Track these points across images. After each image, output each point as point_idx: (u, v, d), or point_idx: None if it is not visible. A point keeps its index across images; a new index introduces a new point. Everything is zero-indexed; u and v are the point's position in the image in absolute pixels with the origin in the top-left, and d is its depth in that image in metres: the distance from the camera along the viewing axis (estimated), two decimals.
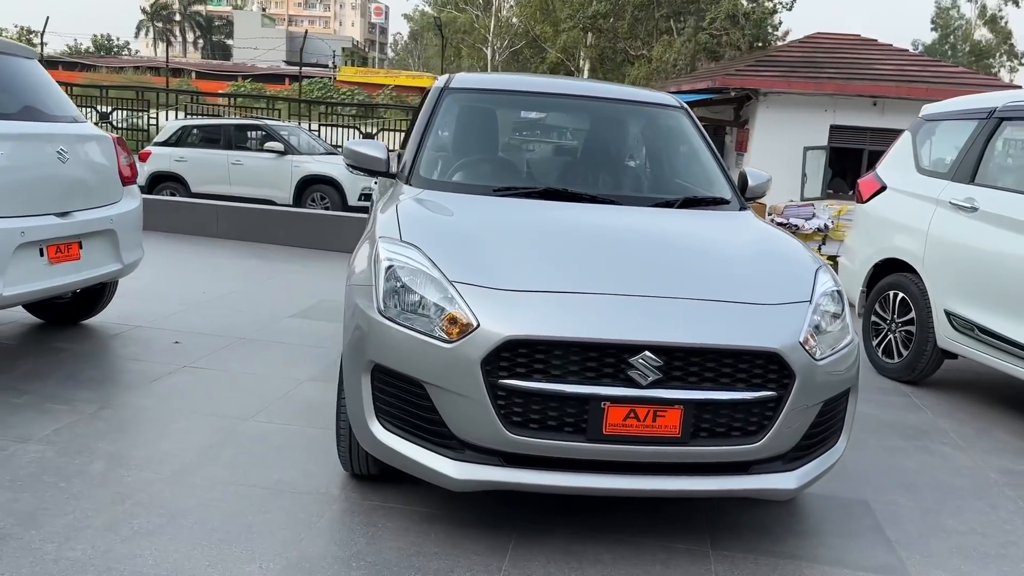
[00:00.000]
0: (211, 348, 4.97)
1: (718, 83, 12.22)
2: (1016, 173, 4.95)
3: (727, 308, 2.79)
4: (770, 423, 2.76)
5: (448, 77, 4.15)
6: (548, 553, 2.87)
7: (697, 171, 3.94)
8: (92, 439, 3.54)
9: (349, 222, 9.13)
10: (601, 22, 43.68)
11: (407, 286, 2.81)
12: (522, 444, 2.66)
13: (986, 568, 3.00)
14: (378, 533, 2.92)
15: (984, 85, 12.87)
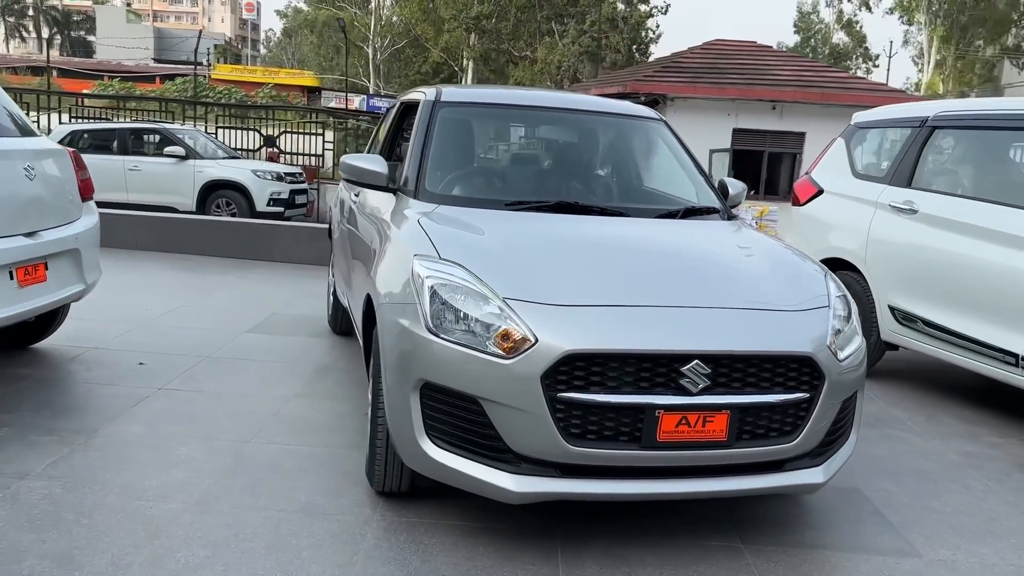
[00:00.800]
0: (179, 368, 4.80)
1: (629, 88, 12.60)
2: (950, 177, 5.38)
3: (763, 315, 2.96)
4: (803, 423, 2.94)
5: (436, 91, 4.17)
6: (595, 558, 2.97)
7: (687, 182, 4.12)
8: (95, 470, 3.39)
9: (280, 231, 8.93)
10: (484, 23, 43.91)
11: (456, 303, 2.83)
12: (581, 455, 2.74)
13: (983, 544, 3.28)
14: (428, 550, 2.94)
15: (871, 89, 13.79)
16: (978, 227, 4.76)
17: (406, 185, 3.80)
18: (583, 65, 45.48)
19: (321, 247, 8.64)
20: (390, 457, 3.12)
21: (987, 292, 4.64)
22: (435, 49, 48.18)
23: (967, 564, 3.11)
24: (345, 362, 5.16)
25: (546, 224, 3.45)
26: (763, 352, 2.83)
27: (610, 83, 14.14)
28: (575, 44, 43.85)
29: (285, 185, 13.92)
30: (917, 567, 3.06)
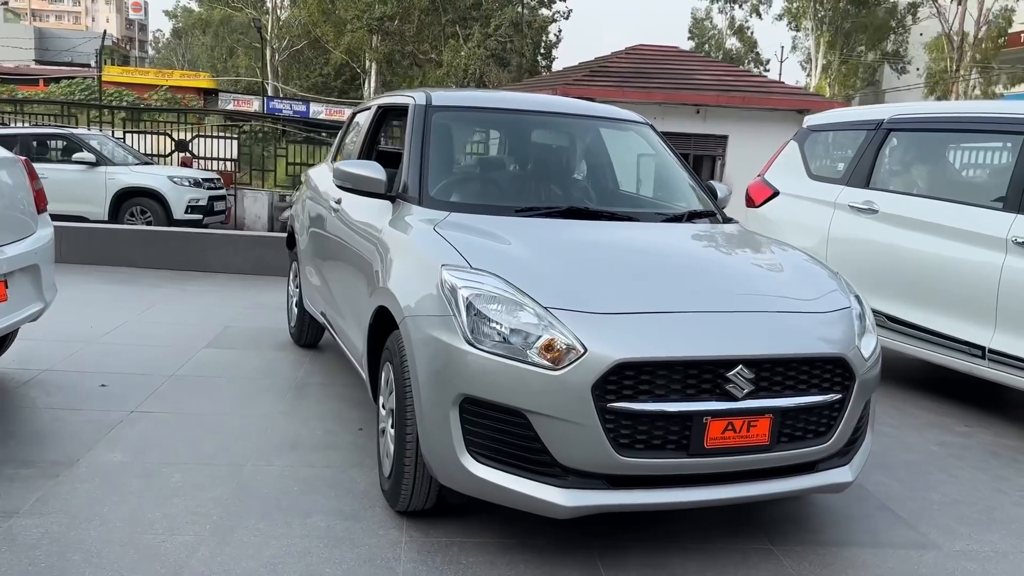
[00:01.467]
0: (145, 389, 4.53)
1: (560, 92, 12.65)
2: (906, 178, 5.60)
3: (797, 318, 2.99)
4: (836, 423, 2.98)
5: (425, 95, 4.05)
6: (636, 568, 2.93)
7: (681, 185, 4.14)
8: (90, 504, 3.14)
9: (215, 240, 8.57)
10: (388, 24, 43.45)
11: (495, 314, 2.75)
12: (631, 465, 2.70)
13: (991, 532, 3.41)
14: (468, 570, 2.85)
15: (789, 93, 14.31)
16: (941, 225, 4.96)
17: (406, 192, 3.68)
18: (489, 69, 45.63)
19: (260, 256, 8.36)
20: (419, 476, 3.00)
21: (952, 288, 4.84)
22: (336, 51, 47.34)
23: (984, 553, 3.21)
24: (320, 377, 4.98)
25: (566, 231, 3.39)
26: (802, 355, 2.86)
27: (539, 86, 14.19)
28: (480, 47, 43.94)
29: (203, 191, 13.43)
30: (940, 559, 3.15)
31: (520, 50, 47.14)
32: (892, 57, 50.05)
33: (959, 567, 3.10)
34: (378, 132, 4.68)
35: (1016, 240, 4.53)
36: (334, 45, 47.13)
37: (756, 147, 12.15)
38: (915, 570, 3.05)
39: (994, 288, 4.63)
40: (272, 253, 8.41)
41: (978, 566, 3.11)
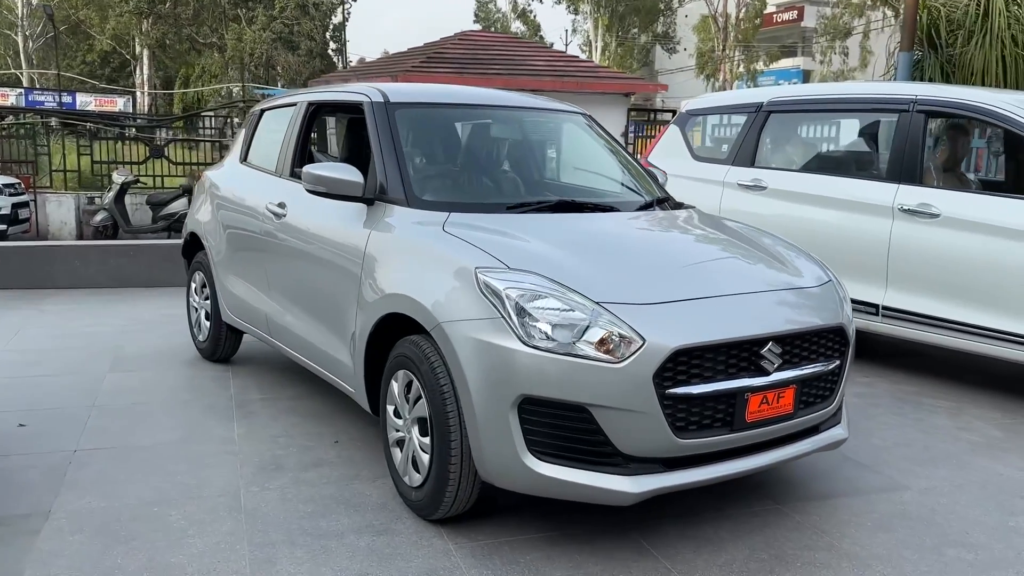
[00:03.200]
0: (72, 424, 4.11)
1: (400, 79, 12.48)
2: (788, 155, 6.10)
3: (804, 294, 3.24)
4: (836, 387, 3.28)
5: (379, 91, 3.93)
6: (677, 540, 3.08)
7: (639, 173, 4.30)
8: (98, 557, 2.85)
9: (62, 253, 7.77)
10: (160, 7, 40.67)
11: (547, 313, 2.77)
12: (687, 446, 2.84)
13: (938, 468, 3.87)
14: (532, 567, 2.87)
15: (614, 77, 14.96)
16: (832, 198, 5.47)
17: (385, 194, 3.58)
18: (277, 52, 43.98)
19: (115, 267, 7.73)
20: (465, 482, 2.98)
21: (846, 254, 5.36)
22: (101, 36, 43.67)
23: (945, 489, 3.65)
24: (255, 392, 4.72)
25: (568, 225, 3.45)
26: (816, 327, 3.11)
27: (376, 73, 13.90)
28: (266, 31, 42.22)
29: (5, 199, 12.11)
30: (916, 498, 3.55)
31: (309, 33, 45.77)
32: (663, 38, 53.21)
33: (934, 502, 3.51)
34: (311, 130, 4.48)
35: (902, 207, 5.10)
36: (99, 31, 43.45)
37: None
38: (902, 510, 3.42)
39: (884, 252, 5.18)
40: (129, 263, 7.77)
41: (947, 499, 3.54)
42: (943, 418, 4.61)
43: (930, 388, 5.17)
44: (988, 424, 4.53)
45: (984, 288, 4.74)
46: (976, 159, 7.43)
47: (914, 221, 5.05)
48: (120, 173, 13.94)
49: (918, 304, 5.05)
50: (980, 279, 4.75)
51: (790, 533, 3.19)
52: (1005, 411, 4.76)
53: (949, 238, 4.89)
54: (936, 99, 5.18)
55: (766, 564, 2.95)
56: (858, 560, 2.99)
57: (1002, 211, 4.74)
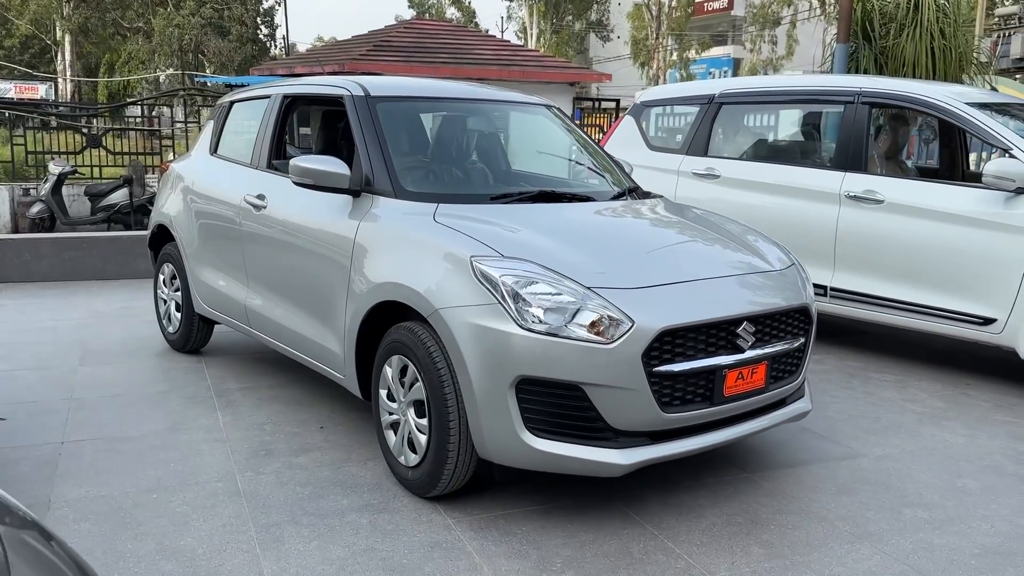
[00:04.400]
0: (54, 418, 4.13)
1: (347, 67, 12.44)
2: (740, 145, 6.37)
3: (771, 276, 3.48)
4: (802, 362, 3.53)
5: (359, 84, 4.02)
6: (659, 508, 3.30)
7: (604, 164, 4.49)
8: (108, 543, 2.93)
9: (11, 246, 7.60)
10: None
11: (541, 298, 2.94)
12: (672, 420, 3.05)
13: (891, 437, 4.17)
14: (530, 538, 3.04)
15: (560, 67, 15.12)
16: (782, 185, 5.76)
17: (371, 185, 3.69)
18: (208, 38, 43.05)
19: (69, 260, 7.64)
20: (462, 459, 3.13)
21: (797, 239, 5.64)
22: (20, 21, 42.09)
23: (899, 455, 3.95)
24: (233, 382, 4.78)
25: (553, 214, 3.62)
26: (783, 307, 3.35)
27: (322, 61, 13.79)
28: (195, 16, 41.30)
29: None
30: (873, 463, 3.83)
31: (240, 18, 44.90)
32: (597, 26, 53.59)
33: (888, 467, 3.80)
34: (286, 123, 4.55)
35: (848, 194, 5.41)
36: (18, 15, 41.87)
37: None
38: (861, 476, 3.70)
39: (832, 236, 5.49)
40: (83, 256, 7.67)
41: (900, 465, 3.83)
42: (890, 391, 4.94)
43: (876, 363, 5.51)
44: (931, 396, 4.87)
45: (924, 269, 5.07)
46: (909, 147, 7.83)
47: (860, 207, 5.37)
48: (57, 164, 13.59)
49: (863, 285, 5.37)
50: (920, 261, 5.09)
51: (763, 499, 3.43)
52: (945, 383, 5.11)
53: (892, 223, 5.21)
54: (879, 91, 5.50)
55: (743, 528, 3.18)
56: (826, 521, 3.25)
57: (940, 197, 5.08)
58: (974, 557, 3.00)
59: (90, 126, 15.80)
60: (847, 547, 3.05)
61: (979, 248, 4.86)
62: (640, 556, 2.95)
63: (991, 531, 3.21)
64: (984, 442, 4.15)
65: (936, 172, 6.47)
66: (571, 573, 2.83)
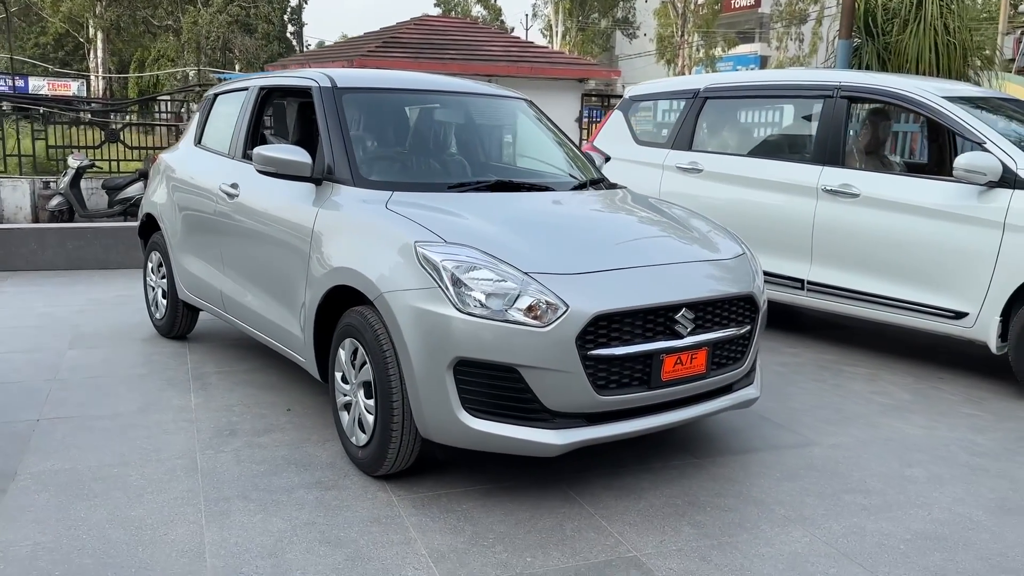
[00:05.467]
0: (35, 397, 4.29)
1: (356, 64, 12.59)
2: (724, 139, 6.41)
3: (715, 265, 3.54)
4: (747, 350, 3.59)
5: (326, 76, 4.13)
6: (600, 489, 3.37)
7: (572, 156, 4.57)
8: (63, 512, 3.07)
9: (16, 236, 7.85)
10: None
11: (480, 282, 3.03)
12: (607, 403, 3.12)
13: (847, 427, 4.21)
14: (467, 516, 3.13)
15: (570, 62, 15.18)
16: (761, 179, 5.79)
17: (332, 174, 3.80)
18: (234, 35, 43.60)
19: (72, 250, 7.85)
20: (405, 440, 3.23)
21: (775, 233, 5.69)
22: (54, 19, 42.92)
23: (851, 444, 3.99)
24: (212, 366, 4.92)
25: (505, 203, 3.70)
26: (726, 295, 3.41)
27: (332, 58, 13.98)
28: (222, 13, 41.86)
29: None
30: (823, 452, 3.88)
31: (266, 16, 45.43)
32: (623, 23, 53.41)
33: (838, 455, 3.84)
34: (262, 114, 4.67)
35: (825, 188, 5.43)
36: (52, 13, 42.68)
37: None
38: (809, 463, 3.75)
39: (809, 230, 5.52)
40: (86, 246, 7.88)
41: (851, 453, 3.87)
42: (860, 383, 4.96)
43: (851, 357, 5.53)
44: (900, 388, 4.89)
45: (897, 263, 5.09)
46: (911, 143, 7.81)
47: (836, 201, 5.39)
48: (75, 158, 13.89)
49: (839, 279, 5.40)
50: (894, 254, 5.10)
51: (705, 483, 3.49)
52: (918, 377, 5.13)
53: (867, 216, 5.23)
54: (858, 86, 5.52)
55: (680, 508, 3.25)
56: (763, 505, 3.31)
57: (914, 191, 5.09)
58: (904, 542, 3.05)
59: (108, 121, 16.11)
60: (778, 530, 3.11)
61: (951, 242, 4.87)
62: (572, 533, 3.03)
63: (927, 518, 3.25)
64: (943, 434, 4.17)
65: (924, 167, 6.46)
66: (501, 548, 2.92)
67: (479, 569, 2.78)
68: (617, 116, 7.01)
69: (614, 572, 2.78)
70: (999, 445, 4.04)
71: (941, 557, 2.95)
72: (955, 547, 3.02)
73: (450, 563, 2.81)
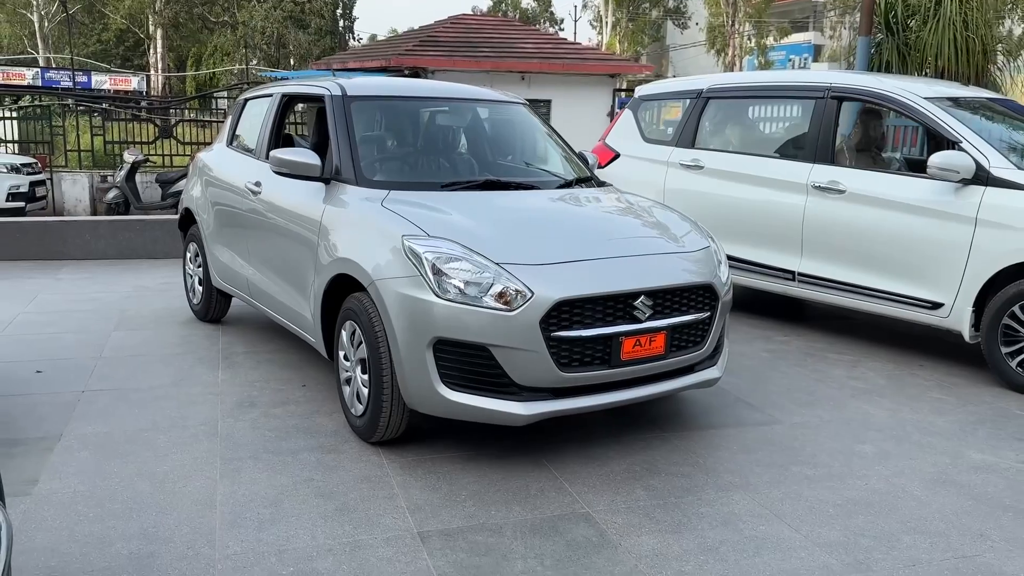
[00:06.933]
0: (82, 371, 4.84)
1: (393, 62, 13.10)
2: (724, 138, 6.72)
3: (677, 257, 3.90)
4: (707, 334, 3.94)
5: (338, 85, 4.58)
6: (572, 458, 3.76)
7: (564, 155, 4.95)
8: (100, 467, 3.57)
9: (75, 227, 8.50)
10: None
11: (457, 271, 3.44)
12: (570, 379, 3.51)
13: (815, 408, 4.53)
14: (446, 476, 3.56)
15: (602, 59, 15.50)
16: (756, 176, 6.10)
17: (339, 174, 4.24)
18: (288, 31, 44.57)
19: (124, 240, 8.46)
20: (394, 409, 3.67)
21: (768, 227, 5.99)
22: (116, 16, 44.34)
23: (813, 423, 4.32)
24: (241, 347, 5.42)
25: (491, 201, 4.11)
26: (684, 284, 3.77)
27: (371, 57, 14.51)
28: (277, 9, 42.82)
29: (23, 177, 12.85)
30: (784, 429, 4.21)
31: (319, 11, 46.33)
32: (674, 13, 53.06)
33: (797, 432, 4.18)
34: (284, 118, 5.15)
35: (814, 184, 5.72)
36: (114, 10, 44.12)
37: (577, 109, 13.25)
38: (769, 439, 4.09)
39: (799, 224, 5.81)
40: (136, 237, 8.50)
41: (811, 431, 4.20)
42: (840, 369, 5.26)
43: (839, 345, 5.82)
44: (878, 374, 5.18)
45: (880, 255, 5.37)
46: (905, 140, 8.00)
47: (824, 197, 5.68)
48: (131, 153, 14.66)
49: (827, 271, 5.69)
50: (877, 248, 5.38)
51: (667, 454, 3.87)
52: (899, 364, 5.41)
53: (852, 211, 5.51)
54: (846, 87, 5.79)
55: (637, 474, 3.63)
56: (713, 472, 3.67)
57: (895, 187, 5.36)
58: (834, 507, 3.39)
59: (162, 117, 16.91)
60: (721, 494, 3.47)
61: (929, 236, 5.14)
62: (536, 493, 3.44)
63: (863, 487, 3.58)
64: (905, 416, 4.47)
65: (921, 164, 6.68)
66: (471, 503, 3.34)
67: (447, 519, 3.20)
68: (627, 115, 7.35)
69: (565, 524, 3.19)
70: (955, 426, 4.32)
71: (864, 520, 3.28)
72: (880, 512, 3.35)
73: (424, 514, 3.24)
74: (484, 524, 3.17)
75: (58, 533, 3.02)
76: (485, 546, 3.02)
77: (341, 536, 3.06)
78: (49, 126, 15.61)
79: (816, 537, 3.14)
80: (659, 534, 3.13)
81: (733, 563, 2.94)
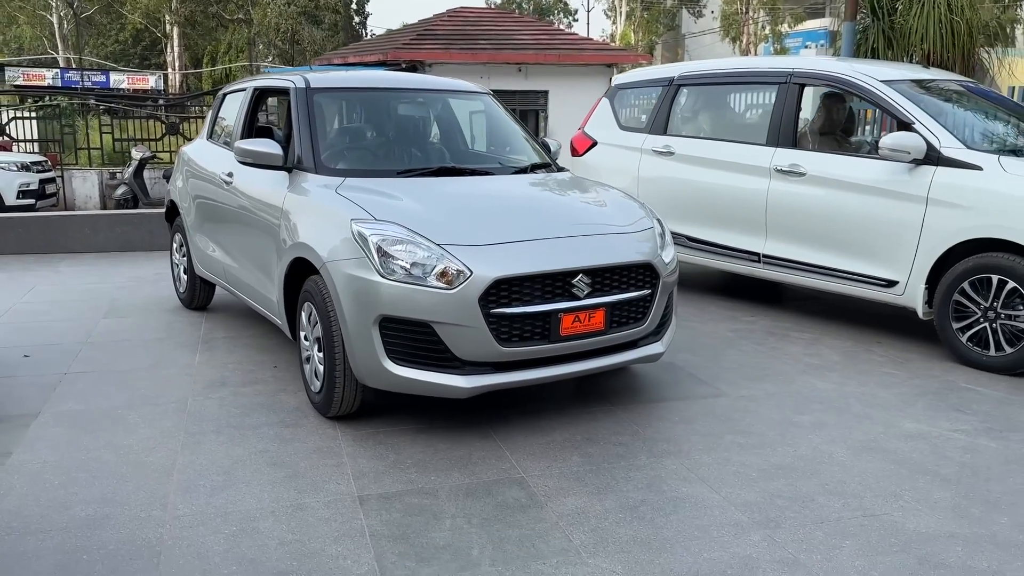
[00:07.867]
0: (67, 355, 5.09)
1: (390, 56, 13.31)
2: (694, 124, 6.87)
3: (617, 237, 4.08)
4: (648, 311, 4.11)
5: (303, 79, 4.79)
6: (519, 432, 3.95)
7: (522, 142, 5.14)
8: (71, 440, 3.81)
9: (76, 221, 8.79)
10: None
11: (401, 252, 3.64)
12: (509, 353, 3.70)
13: (763, 383, 4.69)
14: (395, 447, 3.77)
15: (599, 49, 15.62)
16: (722, 160, 6.24)
17: (301, 163, 4.45)
18: (302, 27, 44.90)
19: (122, 234, 8.73)
20: (347, 385, 3.88)
21: (734, 210, 6.14)
22: (132, 15, 44.87)
23: (759, 397, 4.48)
24: (221, 332, 5.66)
25: (442, 186, 4.31)
26: (622, 263, 3.94)
27: (370, 51, 14.72)
28: (291, 6, 43.16)
29: (34, 175, 13.20)
30: (729, 402, 4.38)
31: (333, 7, 46.64)
32: (688, 2, 52.83)
33: (740, 405, 4.35)
34: (256, 111, 5.36)
35: (777, 168, 5.86)
36: (131, 9, 44.66)
37: (573, 99, 13.37)
38: (712, 411, 4.26)
39: (763, 207, 5.96)
40: (134, 230, 8.78)
41: (754, 404, 4.37)
42: (798, 347, 5.41)
43: (803, 324, 5.96)
44: (834, 351, 5.32)
45: (838, 236, 5.51)
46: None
47: (786, 180, 5.82)
48: (138, 150, 15.01)
49: (789, 251, 5.84)
50: (835, 228, 5.52)
51: (610, 425, 4.05)
52: (858, 341, 5.55)
53: (812, 193, 5.65)
54: (807, 72, 5.92)
55: (578, 443, 3.82)
56: (650, 441, 3.85)
57: (852, 169, 5.50)
58: (758, 471, 3.56)
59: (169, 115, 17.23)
60: (653, 460, 3.66)
61: (883, 216, 5.27)
62: (477, 460, 3.64)
63: (791, 453, 3.75)
64: (850, 389, 4.62)
65: None
66: (414, 471, 3.54)
67: (389, 484, 3.41)
68: (604, 103, 7.51)
69: (498, 488, 3.38)
70: (897, 399, 4.47)
71: (784, 482, 3.45)
72: (802, 476, 3.52)
73: (367, 479, 3.45)
74: (422, 488, 3.38)
75: (23, 499, 3.26)
76: (419, 507, 3.22)
77: (285, 500, 3.27)
78: (60, 125, 15.99)
79: (734, 498, 3.31)
80: (585, 495, 3.32)
81: (648, 520, 3.12)
